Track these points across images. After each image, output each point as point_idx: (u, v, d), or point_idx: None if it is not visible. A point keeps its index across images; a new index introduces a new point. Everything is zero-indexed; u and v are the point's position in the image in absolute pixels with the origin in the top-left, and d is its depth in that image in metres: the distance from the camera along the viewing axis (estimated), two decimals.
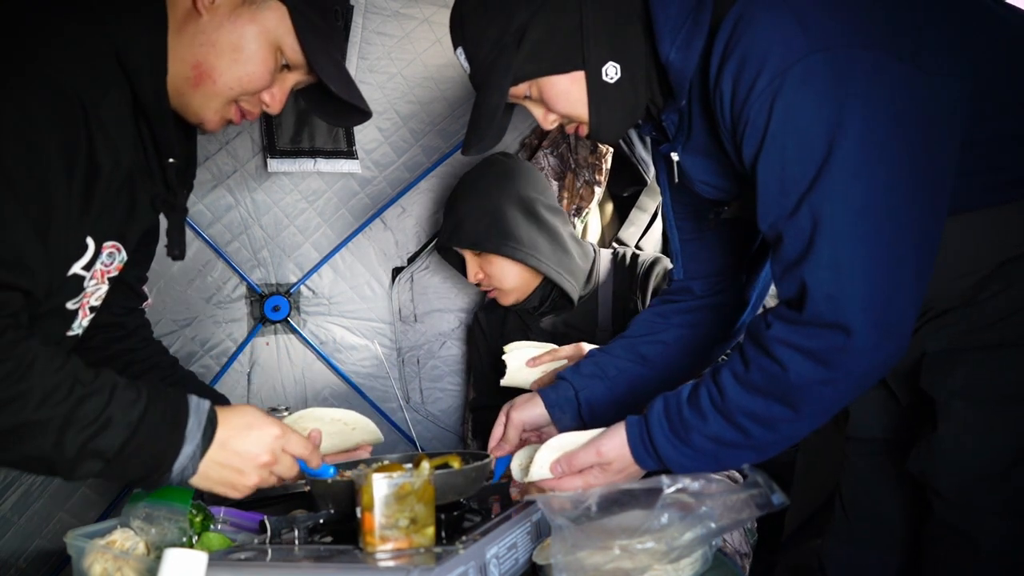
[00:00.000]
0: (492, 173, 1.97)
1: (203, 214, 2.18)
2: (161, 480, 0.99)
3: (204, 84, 1.11)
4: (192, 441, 0.99)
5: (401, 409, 2.54)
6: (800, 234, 1.00)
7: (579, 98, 1.15)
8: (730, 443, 1.08)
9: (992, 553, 1.09)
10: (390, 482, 0.97)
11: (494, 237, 1.87)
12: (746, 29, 0.99)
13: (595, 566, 0.97)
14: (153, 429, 0.97)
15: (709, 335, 1.45)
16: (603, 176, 2.43)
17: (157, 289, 2.05)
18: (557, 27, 1.11)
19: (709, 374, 1.11)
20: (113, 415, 0.94)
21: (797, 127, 0.98)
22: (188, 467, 1.00)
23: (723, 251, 1.41)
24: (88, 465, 0.94)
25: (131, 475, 0.98)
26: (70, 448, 0.92)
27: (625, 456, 1.15)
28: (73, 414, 0.91)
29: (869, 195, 0.97)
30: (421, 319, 2.53)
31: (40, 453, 0.91)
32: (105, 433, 0.93)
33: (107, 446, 0.94)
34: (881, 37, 0.97)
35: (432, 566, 0.88)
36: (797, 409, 1.04)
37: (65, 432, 0.91)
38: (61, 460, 0.92)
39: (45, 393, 0.90)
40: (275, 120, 2.13)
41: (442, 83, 2.26)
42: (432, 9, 2.12)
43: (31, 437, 0.90)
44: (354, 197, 2.37)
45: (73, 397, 0.92)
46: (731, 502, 1.01)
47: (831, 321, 0.98)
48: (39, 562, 1.97)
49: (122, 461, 0.95)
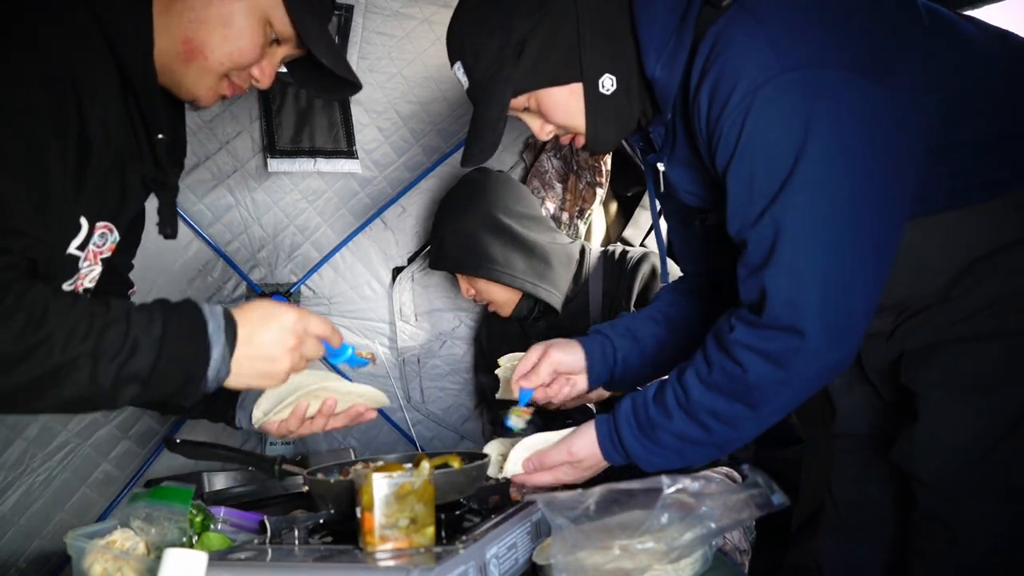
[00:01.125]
0: (466, 195, 2.04)
1: (203, 214, 2.18)
2: (199, 389, 0.99)
3: (195, 60, 1.10)
4: (218, 343, 0.99)
5: (401, 409, 2.54)
6: (762, 241, 1.06)
7: (577, 109, 1.19)
8: (694, 440, 1.15)
9: (972, 538, 1.14)
10: (390, 482, 0.97)
11: (471, 260, 1.97)
12: (723, 49, 1.05)
13: (595, 566, 0.97)
14: (178, 341, 0.96)
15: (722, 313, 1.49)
16: (603, 178, 2.44)
17: (157, 289, 2.04)
18: (556, 40, 1.14)
19: (674, 375, 1.18)
20: (137, 337, 0.93)
21: (766, 141, 1.03)
22: (221, 368, 0.99)
23: (715, 252, 1.44)
24: (127, 391, 0.94)
25: (170, 390, 0.97)
26: (105, 379, 0.91)
27: (595, 454, 1.23)
28: (99, 347, 0.91)
29: (829, 207, 1.03)
30: (421, 319, 2.53)
31: (78, 392, 0.91)
32: (135, 356, 0.93)
33: (140, 368, 0.93)
34: (849, 57, 1.02)
35: (432, 566, 0.88)
36: (756, 408, 1.11)
37: (97, 365, 0.91)
38: (100, 393, 0.92)
39: (66, 334, 0.89)
40: (275, 120, 2.13)
41: (442, 83, 2.26)
42: (432, 9, 2.13)
43: (65, 379, 0.90)
44: (354, 197, 2.37)
45: (94, 331, 0.91)
46: (731, 502, 1.01)
47: (787, 325, 1.05)
48: (39, 562, 1.97)
49: (158, 379, 0.95)
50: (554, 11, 1.13)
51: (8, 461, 1.88)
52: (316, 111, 2.17)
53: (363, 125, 2.26)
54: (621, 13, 1.16)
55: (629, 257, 2.01)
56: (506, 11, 1.14)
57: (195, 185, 2.14)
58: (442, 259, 2.04)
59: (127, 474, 2.16)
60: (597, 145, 1.23)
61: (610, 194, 2.57)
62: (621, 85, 1.17)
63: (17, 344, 0.86)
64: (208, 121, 2.08)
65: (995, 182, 1.14)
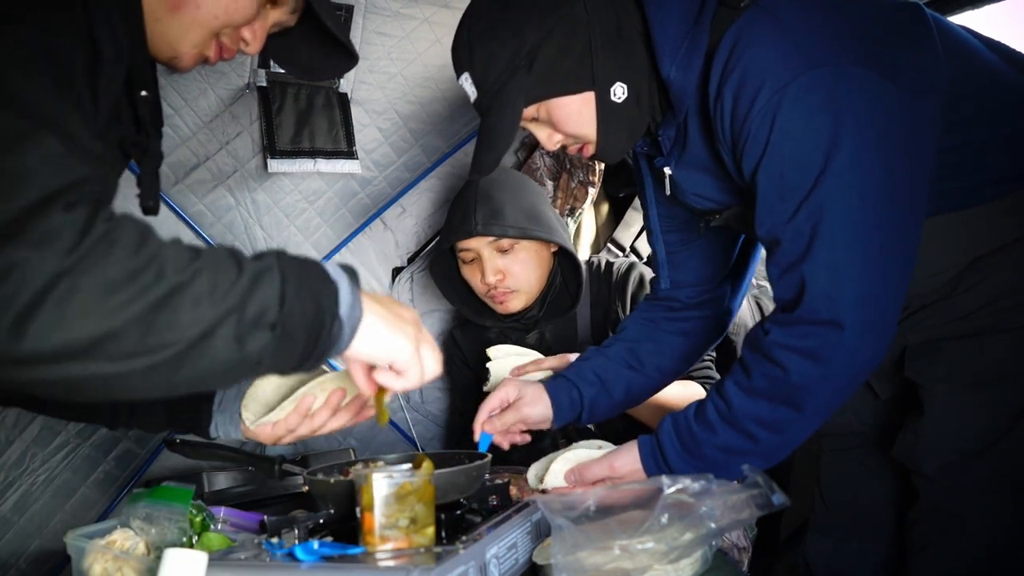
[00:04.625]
0: (514, 175, 2.02)
1: (203, 214, 2.18)
2: (334, 332, 0.81)
3: (184, 9, 0.99)
4: (342, 279, 0.83)
5: (401, 409, 2.54)
6: (799, 237, 1.06)
7: (588, 118, 1.19)
8: (740, 451, 1.14)
9: (977, 529, 1.15)
10: (390, 482, 0.97)
11: (536, 225, 1.89)
12: (745, 49, 1.05)
13: (595, 566, 0.97)
14: (298, 273, 0.80)
15: (698, 341, 1.50)
16: (596, 177, 2.44)
17: None
18: (567, 49, 1.14)
19: (713, 390, 1.17)
20: (255, 269, 0.76)
21: (795, 139, 1.04)
22: (355, 305, 0.84)
23: (707, 260, 1.47)
24: (256, 337, 0.75)
25: (303, 334, 0.78)
26: (232, 299, 0.73)
27: (637, 472, 1.22)
28: (215, 269, 0.74)
29: (863, 202, 1.04)
30: (421, 319, 2.53)
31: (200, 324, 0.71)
32: (259, 287, 0.75)
33: (268, 300, 0.75)
34: (867, 56, 1.04)
35: (432, 566, 0.88)
36: (801, 409, 1.10)
37: (217, 278, 0.73)
38: (230, 318, 0.73)
39: (175, 255, 0.72)
40: (275, 120, 2.13)
41: (442, 83, 2.26)
42: (432, 9, 2.12)
43: (182, 302, 0.71)
44: (354, 197, 2.37)
45: (203, 258, 0.74)
46: (731, 502, 1.01)
47: (826, 318, 1.05)
48: (39, 562, 1.97)
49: (288, 315, 0.76)
50: (566, 20, 1.13)
51: (8, 461, 1.88)
52: (316, 112, 2.17)
53: (363, 125, 2.26)
54: (632, 18, 1.16)
55: (616, 268, 1.99)
56: (517, 21, 1.13)
57: (195, 186, 2.14)
58: (497, 225, 1.86)
59: (127, 474, 2.17)
60: (607, 154, 1.23)
61: (602, 195, 2.56)
62: (632, 93, 1.17)
63: (127, 264, 0.69)
64: (208, 121, 2.08)
65: (995, 183, 1.16)
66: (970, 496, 1.16)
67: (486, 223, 1.87)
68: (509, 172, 2.04)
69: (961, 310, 1.18)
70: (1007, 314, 1.15)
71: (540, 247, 1.92)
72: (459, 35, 1.20)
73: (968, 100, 1.13)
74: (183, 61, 1.04)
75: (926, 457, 1.19)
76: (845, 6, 1.08)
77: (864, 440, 1.38)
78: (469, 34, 1.18)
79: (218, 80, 2.01)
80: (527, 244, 1.90)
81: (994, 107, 1.15)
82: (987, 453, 1.15)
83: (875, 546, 1.37)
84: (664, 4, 1.14)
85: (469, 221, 1.88)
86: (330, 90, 2.18)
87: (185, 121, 2.06)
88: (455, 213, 1.97)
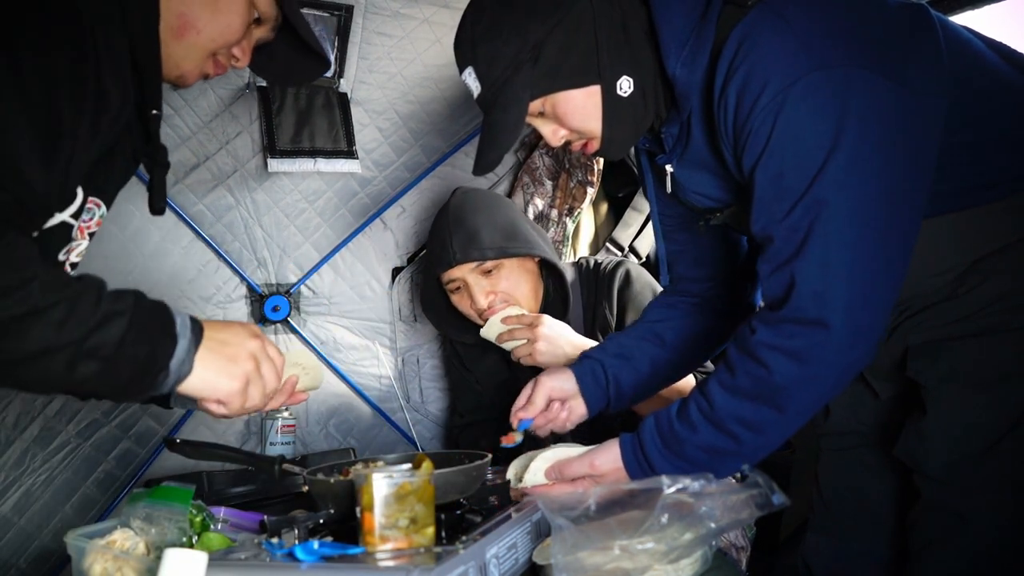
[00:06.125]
0: (483, 196, 1.98)
1: (203, 214, 2.18)
2: (159, 379, 0.96)
3: (187, 35, 1.13)
4: (184, 337, 0.98)
5: (401, 409, 2.54)
6: (793, 235, 1.06)
7: (593, 112, 1.18)
8: (721, 451, 1.13)
9: (981, 527, 1.15)
10: (390, 482, 0.97)
11: (515, 242, 1.86)
12: (752, 47, 1.05)
13: (595, 566, 0.97)
14: (145, 324, 0.95)
15: (719, 323, 1.49)
16: (595, 177, 2.43)
17: (158, 289, 2.04)
18: (573, 42, 1.14)
19: (696, 389, 1.17)
20: (109, 310, 0.92)
21: (797, 138, 1.04)
22: (186, 361, 0.98)
23: (713, 257, 1.47)
24: (85, 367, 0.91)
25: (127, 376, 0.94)
26: (74, 333, 0.89)
27: (618, 469, 1.21)
28: (76, 304, 0.89)
29: (859, 203, 1.04)
30: (421, 319, 2.53)
31: (41, 344, 0.88)
32: (105, 327, 0.90)
33: (108, 339, 0.91)
34: (873, 58, 1.04)
35: (432, 566, 0.88)
36: (783, 410, 1.10)
37: (71, 315, 0.88)
38: (63, 348, 0.89)
39: (48, 281, 0.88)
40: (275, 120, 2.14)
41: (442, 83, 2.26)
42: (432, 9, 2.13)
43: (33, 325, 0.86)
44: (354, 197, 2.37)
45: (72, 289, 0.90)
46: (731, 502, 1.01)
47: (813, 317, 1.05)
48: (39, 562, 1.97)
49: (118, 359, 0.92)
50: (571, 13, 1.13)
51: (8, 461, 1.89)
52: (316, 111, 2.18)
53: (363, 125, 2.26)
54: (638, 15, 1.16)
55: (603, 267, 1.98)
56: (521, 16, 1.13)
57: (195, 185, 2.14)
58: (475, 250, 1.83)
59: (127, 474, 2.17)
60: (611, 149, 1.23)
61: (601, 195, 2.55)
62: (638, 87, 1.17)
63: (3, 280, 0.84)
64: (208, 121, 2.08)
65: (996, 184, 1.16)
66: (972, 496, 1.16)
67: (464, 250, 1.83)
68: (480, 192, 2.01)
69: (963, 311, 1.17)
70: (1009, 315, 1.15)
71: (523, 260, 1.90)
72: (462, 30, 1.20)
73: (970, 101, 1.13)
74: (187, 79, 1.18)
75: (929, 457, 1.19)
76: (851, 7, 1.08)
77: (864, 440, 1.38)
78: (471, 30, 1.18)
79: (218, 80, 2.01)
80: (509, 261, 1.87)
81: (995, 108, 1.15)
82: (989, 453, 1.14)
83: (874, 546, 1.37)
84: (670, 1, 1.14)
85: (447, 251, 1.85)
86: (330, 90, 2.18)
87: (185, 121, 2.06)
88: (433, 244, 1.94)
